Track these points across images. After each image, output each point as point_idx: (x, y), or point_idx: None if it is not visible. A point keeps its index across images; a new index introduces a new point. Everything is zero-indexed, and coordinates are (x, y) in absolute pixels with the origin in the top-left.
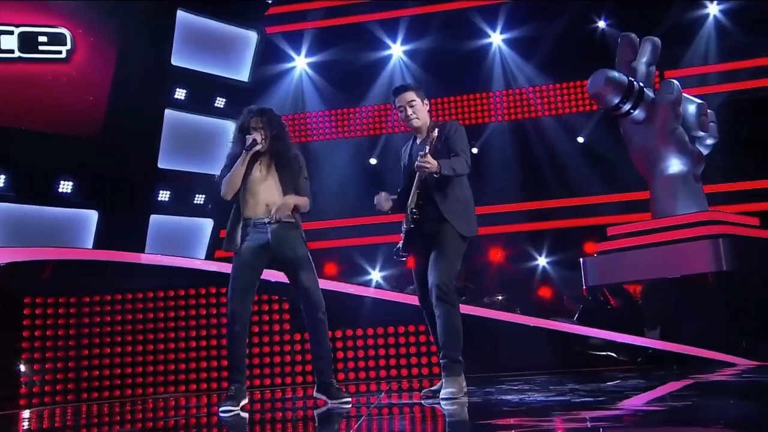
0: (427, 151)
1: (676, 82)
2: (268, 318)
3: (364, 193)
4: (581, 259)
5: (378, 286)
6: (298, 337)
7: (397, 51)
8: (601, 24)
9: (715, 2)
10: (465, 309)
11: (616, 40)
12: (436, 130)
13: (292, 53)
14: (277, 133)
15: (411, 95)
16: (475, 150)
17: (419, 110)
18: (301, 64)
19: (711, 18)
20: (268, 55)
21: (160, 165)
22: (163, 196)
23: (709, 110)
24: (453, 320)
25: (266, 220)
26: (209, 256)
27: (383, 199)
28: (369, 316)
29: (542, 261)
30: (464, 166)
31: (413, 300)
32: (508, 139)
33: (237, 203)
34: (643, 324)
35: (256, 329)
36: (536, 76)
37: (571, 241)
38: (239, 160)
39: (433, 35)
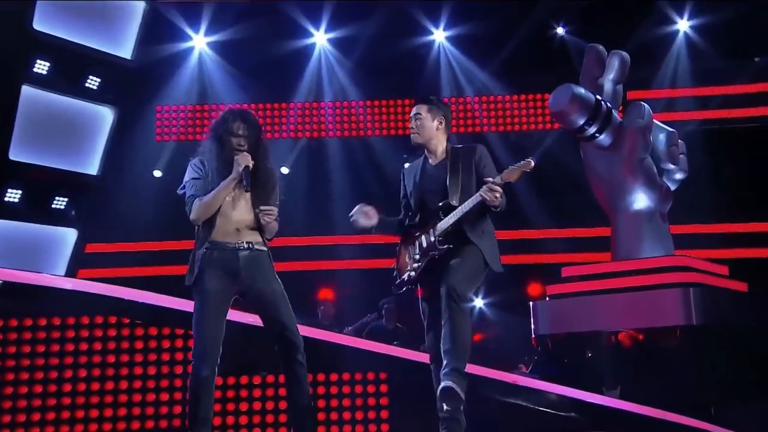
0: (501, 181)
1: (646, 105)
2: (168, 357)
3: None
4: (531, 303)
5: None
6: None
7: (320, 39)
8: (560, 30)
9: (686, 18)
10: (411, 355)
11: (576, 49)
12: (531, 162)
13: (189, 30)
14: (258, 142)
15: (418, 108)
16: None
17: (422, 126)
18: (199, 44)
19: (681, 35)
20: (160, 30)
21: (11, 156)
22: (13, 195)
23: (679, 140)
24: (464, 326)
25: (238, 245)
26: (70, 274)
27: (364, 215)
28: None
29: (479, 302)
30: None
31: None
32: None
33: (201, 226)
34: (600, 381)
35: (152, 371)
36: (481, 83)
37: (513, 280)
38: (224, 183)
39: (364, 25)
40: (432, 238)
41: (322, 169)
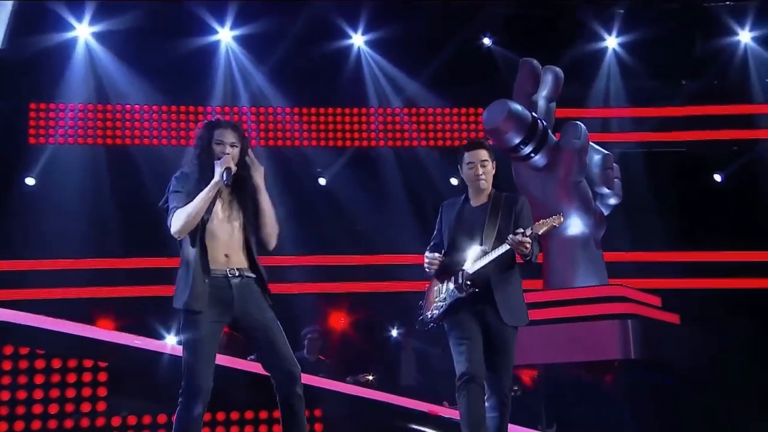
0: (530, 234)
1: (582, 125)
2: (74, 394)
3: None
4: None
5: None
6: (117, 422)
7: (225, 36)
8: (487, 41)
9: (614, 35)
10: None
11: (504, 62)
12: (561, 218)
13: (71, 19)
14: (246, 154)
15: (486, 154)
16: (322, 181)
17: (489, 173)
18: (83, 34)
19: (611, 52)
20: (36, 17)
21: None
22: None
23: (615, 164)
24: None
25: (229, 272)
26: None
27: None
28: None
29: (395, 332)
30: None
31: None
32: (366, 170)
33: (190, 247)
34: (537, 417)
35: (54, 409)
36: (410, 93)
37: None
38: (206, 191)
39: (274, 19)
40: (459, 281)
41: None
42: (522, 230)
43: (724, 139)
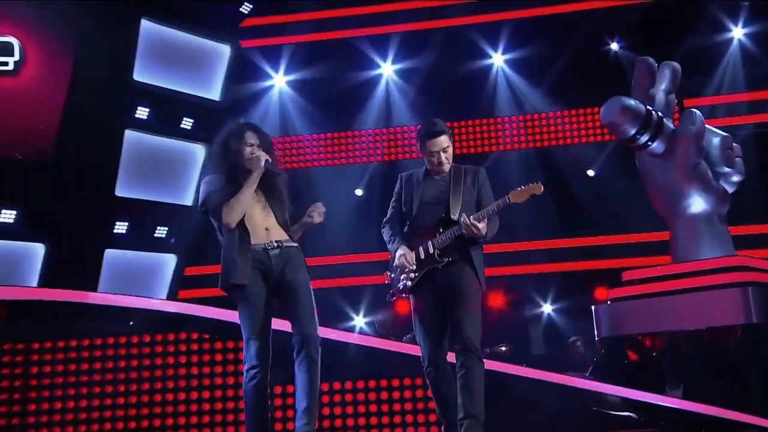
0: (508, 201)
1: (698, 112)
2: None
3: (348, 228)
4: (593, 307)
5: (362, 333)
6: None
7: (387, 70)
8: (614, 46)
9: (740, 26)
10: None
11: (631, 64)
12: (541, 186)
13: (270, 70)
14: (269, 151)
15: (446, 141)
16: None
17: (450, 156)
18: (279, 82)
19: (735, 42)
20: (243, 71)
21: (118, 193)
22: (121, 227)
23: (735, 144)
24: (481, 378)
25: (267, 245)
26: (172, 296)
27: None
28: (355, 366)
29: (547, 308)
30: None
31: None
32: (511, 169)
33: (230, 232)
34: (664, 381)
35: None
36: (543, 101)
37: (580, 286)
38: (250, 180)
39: (428, 54)
40: (431, 251)
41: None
42: (473, 216)
43: None
